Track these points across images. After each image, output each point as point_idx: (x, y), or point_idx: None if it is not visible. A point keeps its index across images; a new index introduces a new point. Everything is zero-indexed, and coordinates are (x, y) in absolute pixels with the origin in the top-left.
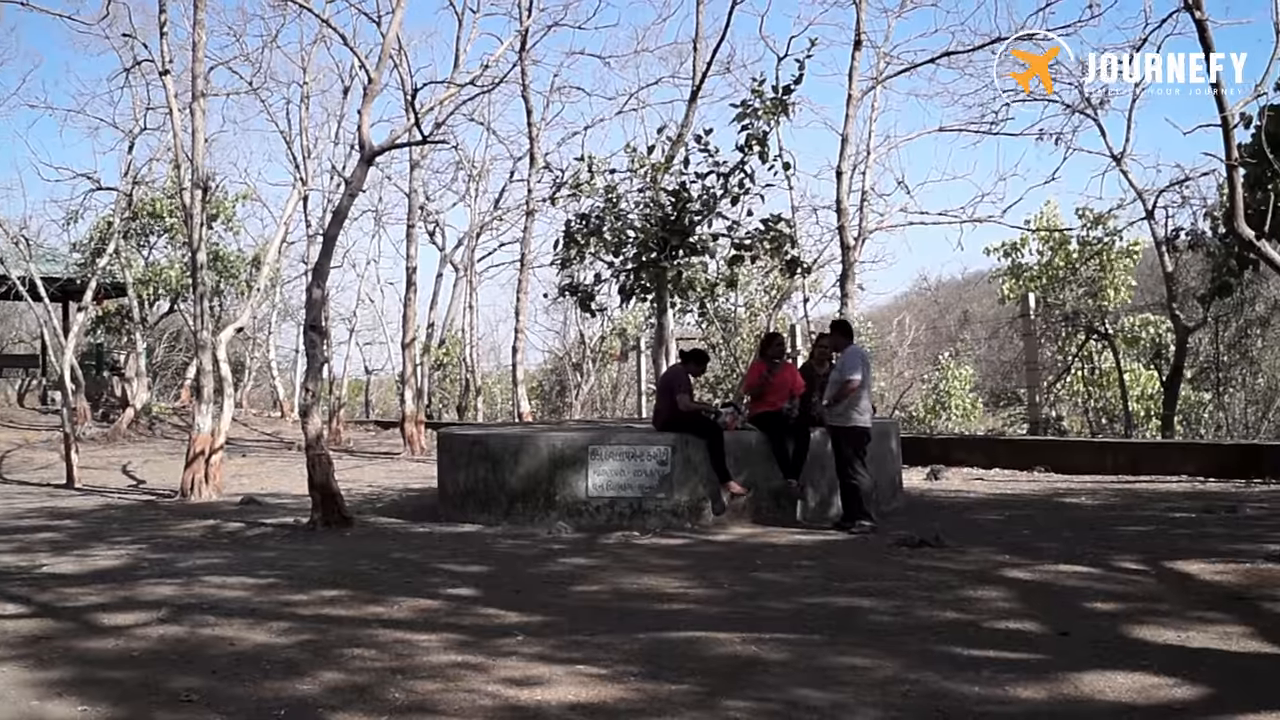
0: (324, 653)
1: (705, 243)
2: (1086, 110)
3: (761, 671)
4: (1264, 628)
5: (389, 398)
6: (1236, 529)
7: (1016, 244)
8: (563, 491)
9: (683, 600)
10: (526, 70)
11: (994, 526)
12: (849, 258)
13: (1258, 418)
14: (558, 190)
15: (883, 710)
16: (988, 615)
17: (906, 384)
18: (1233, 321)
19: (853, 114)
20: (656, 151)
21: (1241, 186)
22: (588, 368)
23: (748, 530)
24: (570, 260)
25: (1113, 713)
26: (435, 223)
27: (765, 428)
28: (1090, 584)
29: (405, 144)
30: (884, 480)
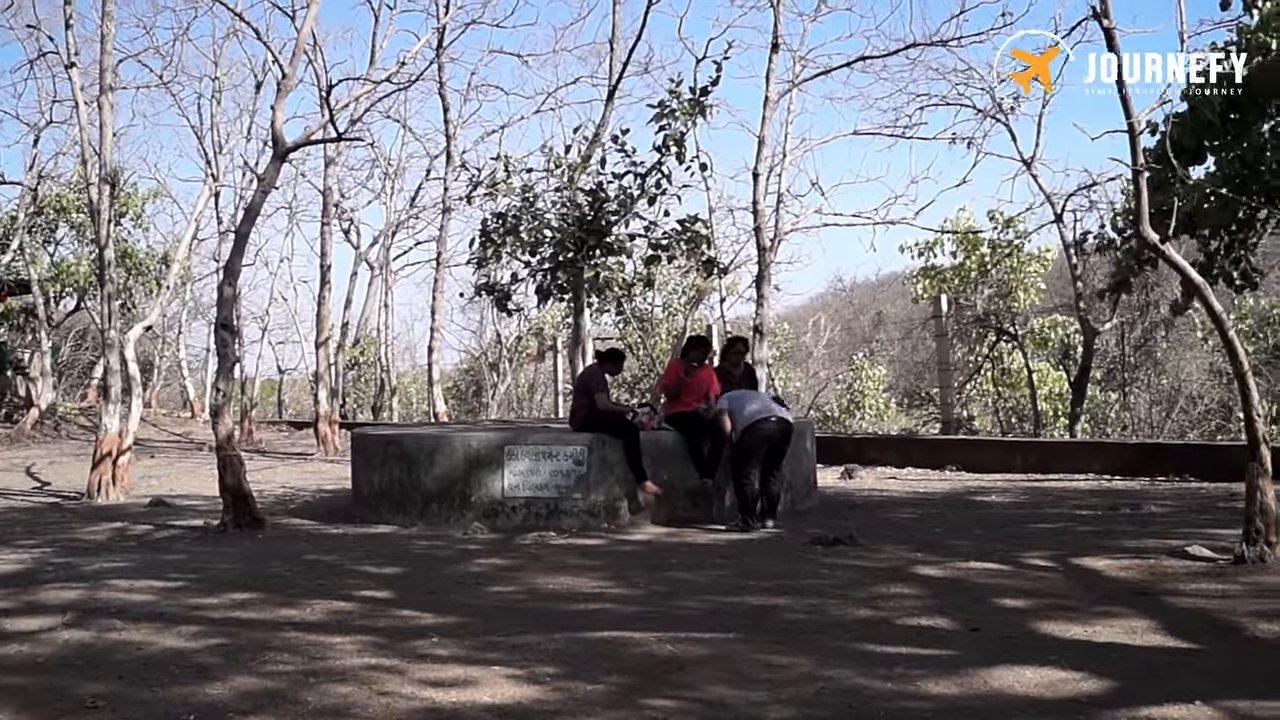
0: (235, 656)
1: (622, 243)
2: (998, 115)
3: (678, 670)
4: (1167, 622)
5: (302, 398)
6: (1141, 526)
7: (930, 245)
8: (478, 492)
9: (599, 600)
10: (444, 68)
11: (907, 524)
12: (765, 259)
13: (1162, 417)
14: (474, 189)
15: (797, 708)
16: (900, 612)
17: (821, 384)
18: (1138, 323)
19: (769, 116)
20: (573, 151)
21: (1147, 191)
22: (504, 367)
23: (664, 530)
24: (486, 259)
25: (1022, 707)
26: (350, 220)
27: (681, 428)
28: (1000, 581)
29: (320, 141)
30: (799, 479)
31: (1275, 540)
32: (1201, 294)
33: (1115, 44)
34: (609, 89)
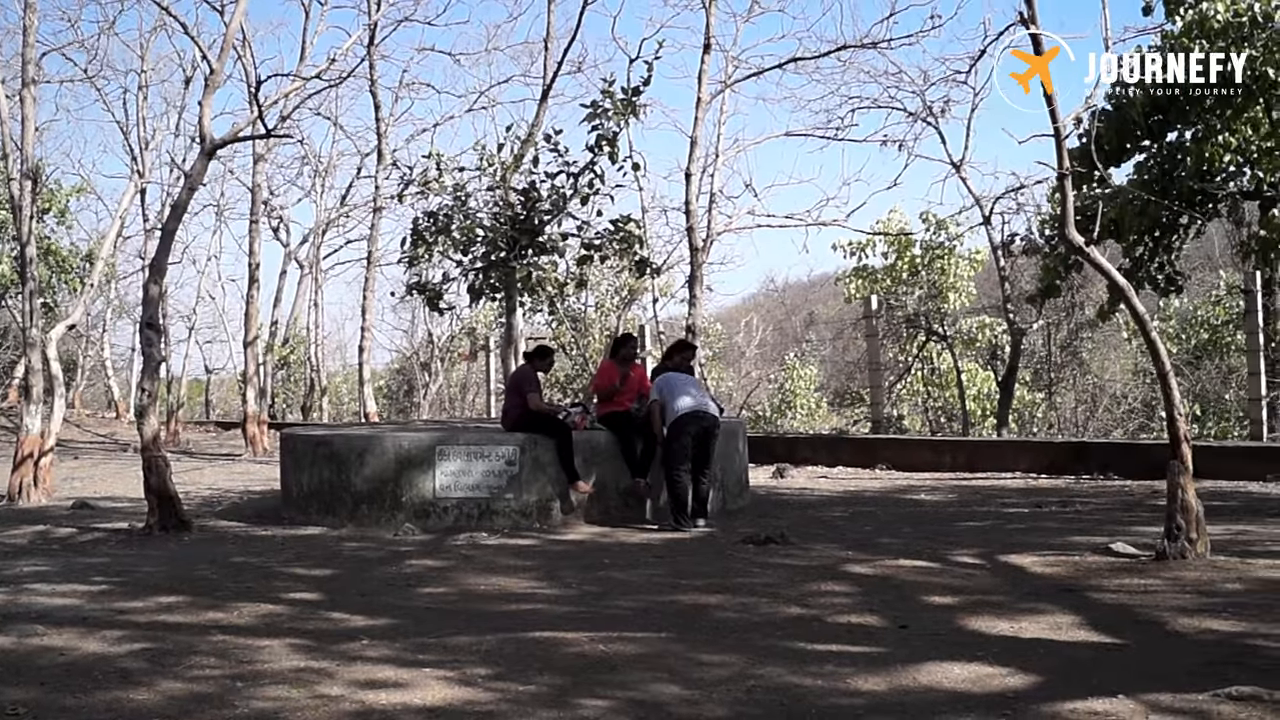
0: (161, 661)
1: (555, 242)
2: (928, 118)
3: (611, 670)
4: (1092, 618)
5: (230, 398)
6: (1066, 523)
7: (863, 246)
8: (409, 493)
9: (532, 600)
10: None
11: (838, 523)
12: (697, 259)
13: (1086, 416)
14: (406, 187)
15: (729, 706)
16: (831, 610)
17: (754, 384)
18: (1064, 324)
19: (702, 117)
20: (506, 150)
21: (1072, 194)
22: (436, 367)
23: (597, 530)
24: (418, 258)
25: (949, 702)
26: (280, 218)
27: (614, 428)
28: (929, 578)
29: (248, 137)
30: (731, 479)
31: (1196, 537)
32: (1125, 296)
33: (1041, 49)
34: (542, 88)
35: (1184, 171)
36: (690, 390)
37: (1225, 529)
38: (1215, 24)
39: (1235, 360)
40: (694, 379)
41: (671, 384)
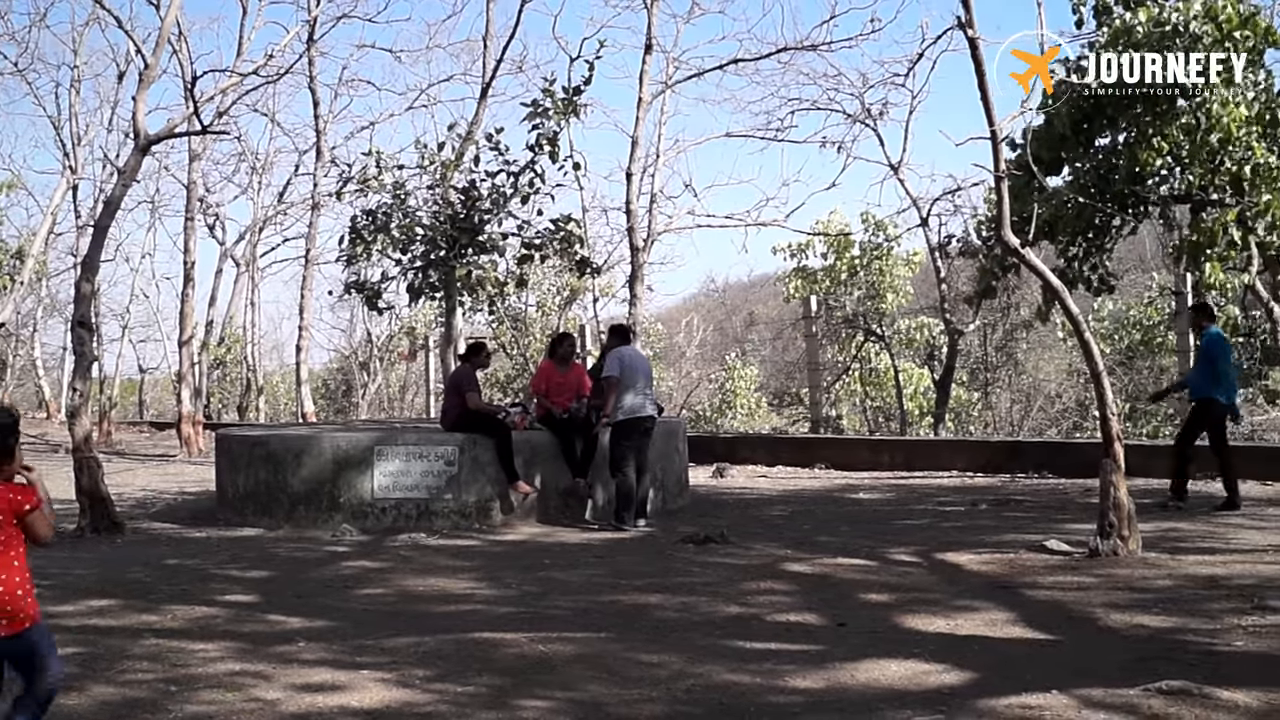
0: (93, 666)
1: (495, 241)
2: (866, 120)
3: (551, 670)
4: (1026, 614)
5: (165, 397)
6: (1002, 521)
7: (803, 246)
8: (347, 493)
9: (471, 601)
10: (314, 62)
11: (777, 522)
12: (638, 259)
13: (1021, 415)
14: (344, 185)
15: (669, 705)
16: (770, 609)
17: (694, 384)
18: (1000, 325)
19: (643, 117)
20: (446, 149)
21: (1008, 197)
22: (375, 367)
23: (537, 530)
24: (357, 257)
25: (887, 699)
26: (215, 216)
27: (554, 427)
28: (867, 576)
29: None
30: (671, 478)
31: (1128, 534)
32: (1060, 297)
33: (979, 53)
34: (482, 86)
35: (1117, 175)
36: (640, 383)
37: (1156, 526)
38: (1139, 34)
39: (1166, 360)
40: (647, 365)
41: (629, 369)
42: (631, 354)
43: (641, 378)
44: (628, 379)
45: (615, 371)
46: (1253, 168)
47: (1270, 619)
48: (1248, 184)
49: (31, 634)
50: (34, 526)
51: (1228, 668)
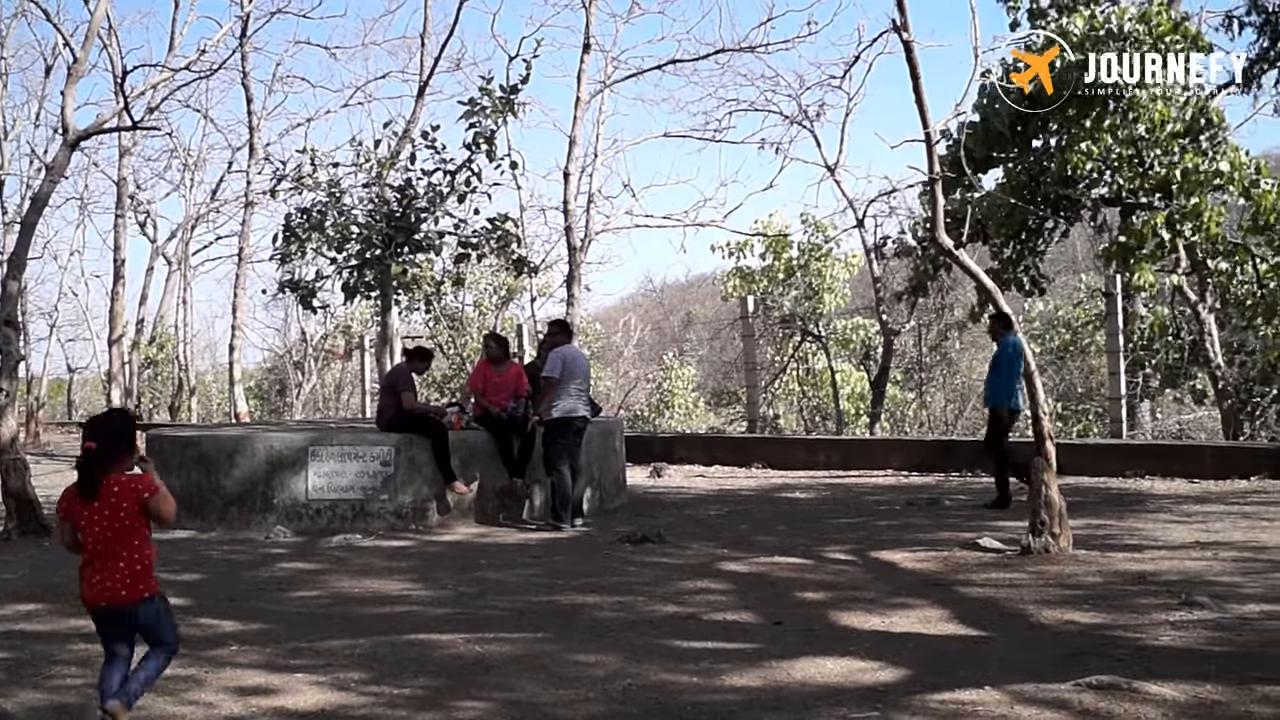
0: (19, 671)
1: (431, 240)
2: (804, 122)
3: (487, 671)
4: (959, 611)
5: (94, 397)
6: (936, 519)
7: (741, 246)
8: (281, 494)
9: (407, 602)
10: (247, 57)
11: (714, 522)
12: (575, 258)
13: (956, 415)
14: (278, 183)
15: (605, 704)
16: (707, 608)
17: (631, 384)
18: (934, 325)
19: (581, 116)
20: (382, 146)
21: (942, 198)
22: (310, 366)
23: (474, 530)
24: (291, 255)
25: (822, 696)
26: (147, 213)
27: (491, 427)
28: (803, 575)
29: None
30: (608, 478)
31: (1059, 532)
32: (992, 298)
33: (914, 56)
34: (419, 85)
35: (1049, 177)
36: (577, 383)
37: (1087, 523)
38: (1074, 37)
39: (1096, 360)
40: (586, 364)
41: (568, 368)
42: (573, 353)
43: (580, 377)
44: (565, 378)
45: (555, 372)
46: (1181, 171)
47: (1197, 614)
48: (1176, 188)
49: (154, 602)
50: (158, 511)
51: (1156, 662)
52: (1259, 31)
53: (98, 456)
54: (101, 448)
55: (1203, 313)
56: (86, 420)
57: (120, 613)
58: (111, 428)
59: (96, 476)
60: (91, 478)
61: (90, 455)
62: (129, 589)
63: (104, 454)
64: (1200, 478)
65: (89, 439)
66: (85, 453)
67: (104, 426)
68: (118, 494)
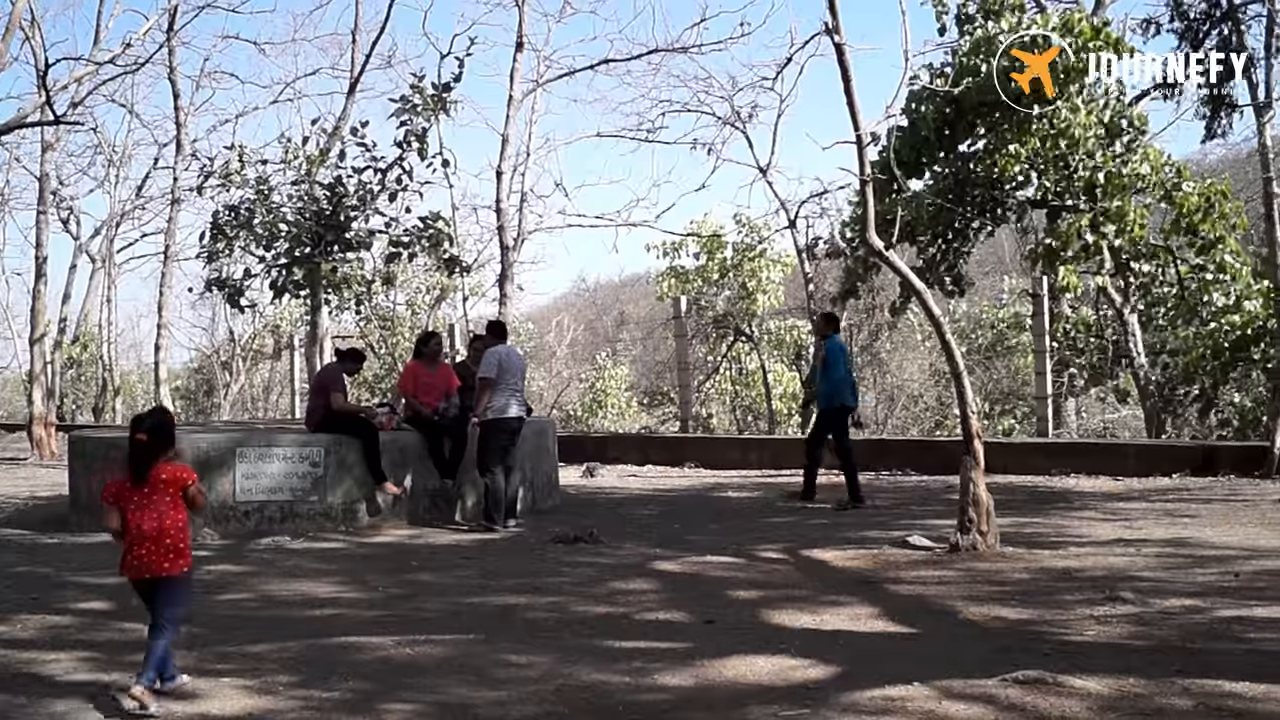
0: None
1: (361, 238)
2: (736, 123)
3: (418, 674)
4: (888, 608)
5: (14, 398)
6: (866, 518)
7: (675, 246)
8: (209, 496)
9: (336, 605)
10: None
11: (647, 521)
12: (508, 258)
13: (886, 414)
14: (206, 180)
15: (537, 705)
16: (639, 607)
17: (564, 383)
18: (865, 326)
19: (514, 115)
20: (312, 144)
21: (873, 200)
22: (238, 366)
23: (405, 532)
24: (218, 253)
25: (754, 694)
26: (70, 209)
27: (422, 428)
28: (735, 574)
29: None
30: (540, 478)
31: (987, 529)
32: (921, 298)
33: (845, 58)
34: (350, 81)
35: (976, 179)
36: (512, 383)
37: (1014, 521)
38: (1000, 42)
39: (1023, 360)
40: (522, 364)
41: (504, 369)
42: (507, 353)
43: (515, 378)
44: (500, 379)
45: (490, 372)
46: (1105, 175)
47: (1121, 609)
48: (1100, 190)
49: (189, 575)
50: (195, 497)
51: (1080, 656)
52: (1180, 37)
53: (148, 447)
54: (151, 440)
55: (1126, 313)
56: (135, 417)
57: (159, 582)
58: (158, 422)
59: (147, 464)
60: (143, 465)
61: (141, 447)
62: (171, 563)
63: (153, 445)
64: (1124, 475)
65: (140, 432)
66: (136, 444)
67: (151, 421)
68: (165, 480)
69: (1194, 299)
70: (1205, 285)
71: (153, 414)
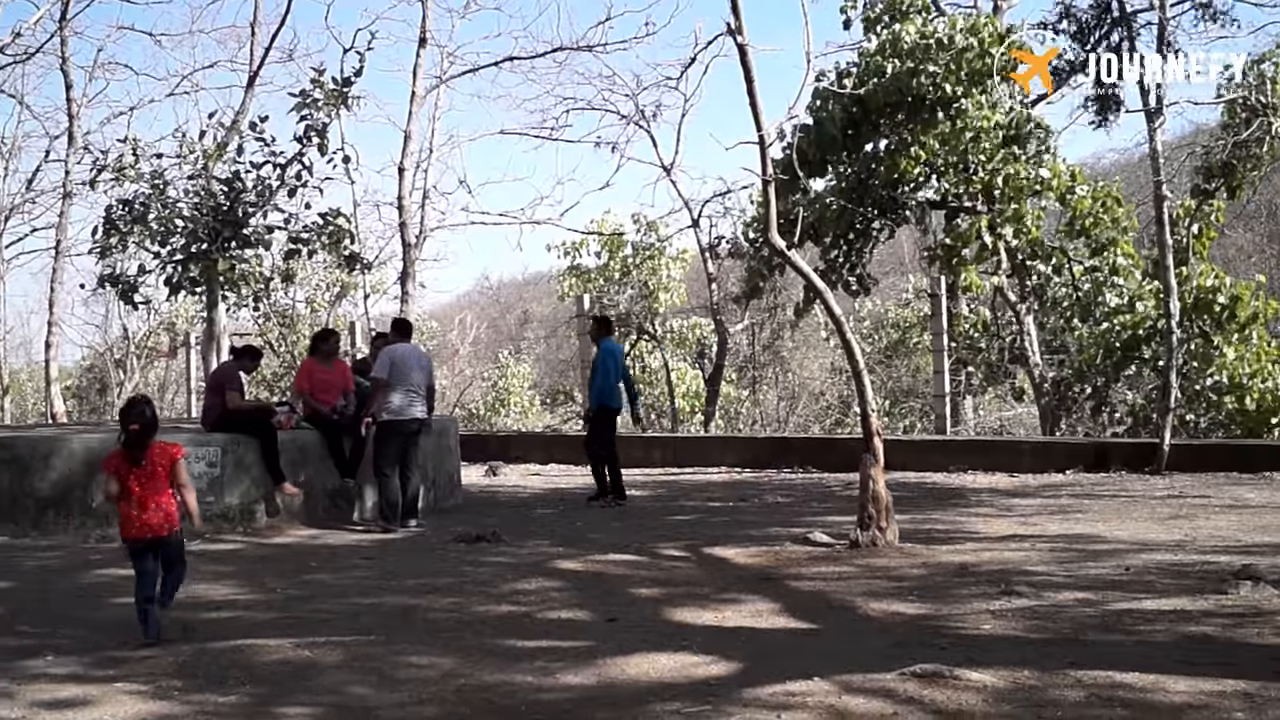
0: None
1: (260, 235)
2: (640, 122)
3: (317, 676)
4: (789, 605)
5: None
6: (768, 515)
7: (577, 245)
8: (98, 499)
9: (232, 607)
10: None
11: (549, 520)
12: (410, 255)
13: (788, 412)
14: (99, 173)
15: (438, 706)
16: (542, 606)
17: (467, 382)
18: (767, 324)
19: (416, 111)
20: (209, 138)
21: (775, 200)
22: (132, 365)
23: (304, 532)
24: (111, 249)
25: (656, 692)
26: None
27: (321, 427)
28: (637, 571)
29: None
30: (442, 477)
31: (886, 525)
32: (823, 297)
33: (748, 59)
34: (249, 75)
35: (878, 180)
36: (411, 383)
37: (913, 517)
38: (905, 44)
39: (922, 359)
40: (424, 362)
41: (398, 369)
42: (404, 352)
43: (414, 376)
44: (396, 379)
45: (383, 373)
46: (1003, 177)
47: (1016, 603)
48: (998, 193)
49: (179, 535)
50: (179, 473)
51: (976, 650)
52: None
53: (141, 433)
54: (143, 428)
55: (1022, 313)
56: (122, 410)
57: (157, 541)
58: (146, 411)
59: (142, 447)
60: (140, 446)
61: (136, 434)
62: (165, 524)
63: (144, 431)
64: (1020, 472)
65: (133, 422)
66: (131, 431)
67: (141, 411)
68: (157, 456)
69: (1088, 299)
70: (1099, 286)
71: (139, 405)
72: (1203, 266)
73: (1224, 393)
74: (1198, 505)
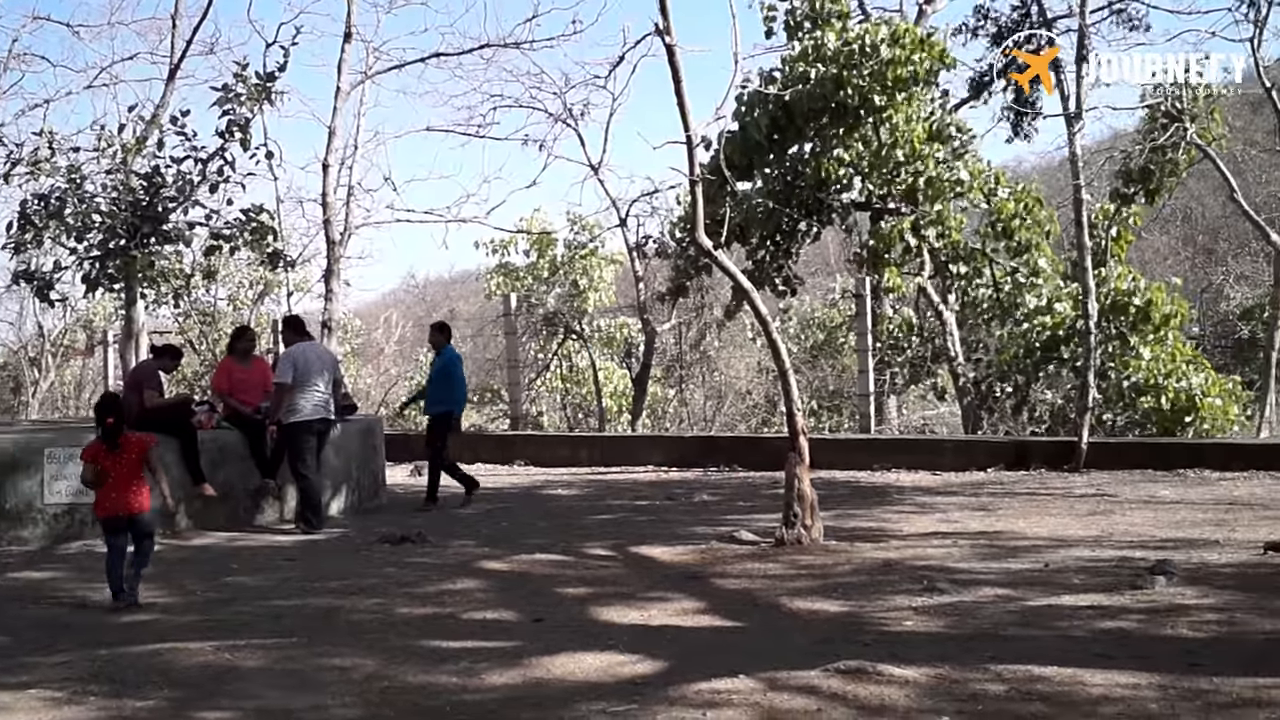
0: None
1: (180, 231)
2: (568, 120)
3: (237, 679)
4: (715, 603)
5: None
6: (694, 514)
7: (505, 244)
8: (14, 499)
9: (151, 610)
10: None
11: (475, 520)
12: (334, 252)
13: (715, 411)
14: (13, 167)
15: (362, 708)
16: (466, 607)
17: (393, 381)
18: (694, 324)
19: (341, 107)
20: (128, 131)
21: (702, 200)
22: (47, 363)
23: (225, 534)
24: (26, 244)
25: (582, 691)
26: None
27: (242, 426)
28: (563, 571)
29: None
30: (367, 478)
31: (811, 523)
32: (749, 298)
33: (675, 60)
34: (170, 68)
35: (804, 182)
36: (316, 383)
37: (837, 515)
38: (828, 50)
39: (848, 359)
40: (329, 360)
41: (301, 371)
42: (306, 353)
43: (320, 376)
44: (301, 380)
45: (285, 376)
46: (926, 180)
47: (938, 599)
48: (921, 195)
49: (147, 515)
50: (151, 460)
51: (899, 646)
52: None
53: (116, 425)
54: (117, 421)
55: (945, 313)
56: (97, 406)
57: (130, 519)
58: (117, 406)
59: (116, 436)
60: (116, 436)
61: (111, 426)
62: (137, 504)
63: (119, 423)
64: (942, 470)
65: (107, 415)
66: (108, 425)
67: (113, 406)
68: (132, 444)
69: (1009, 300)
70: (1019, 287)
71: (110, 401)
72: (1120, 269)
73: (1140, 392)
74: (1115, 502)
